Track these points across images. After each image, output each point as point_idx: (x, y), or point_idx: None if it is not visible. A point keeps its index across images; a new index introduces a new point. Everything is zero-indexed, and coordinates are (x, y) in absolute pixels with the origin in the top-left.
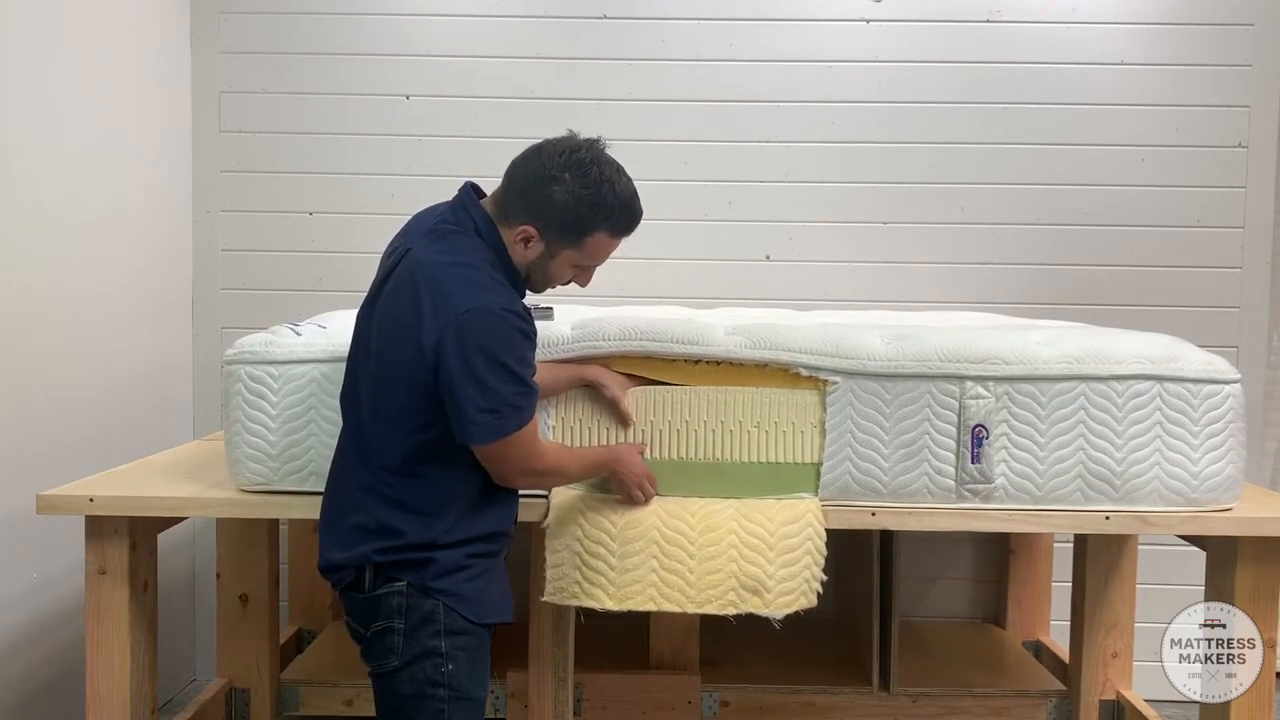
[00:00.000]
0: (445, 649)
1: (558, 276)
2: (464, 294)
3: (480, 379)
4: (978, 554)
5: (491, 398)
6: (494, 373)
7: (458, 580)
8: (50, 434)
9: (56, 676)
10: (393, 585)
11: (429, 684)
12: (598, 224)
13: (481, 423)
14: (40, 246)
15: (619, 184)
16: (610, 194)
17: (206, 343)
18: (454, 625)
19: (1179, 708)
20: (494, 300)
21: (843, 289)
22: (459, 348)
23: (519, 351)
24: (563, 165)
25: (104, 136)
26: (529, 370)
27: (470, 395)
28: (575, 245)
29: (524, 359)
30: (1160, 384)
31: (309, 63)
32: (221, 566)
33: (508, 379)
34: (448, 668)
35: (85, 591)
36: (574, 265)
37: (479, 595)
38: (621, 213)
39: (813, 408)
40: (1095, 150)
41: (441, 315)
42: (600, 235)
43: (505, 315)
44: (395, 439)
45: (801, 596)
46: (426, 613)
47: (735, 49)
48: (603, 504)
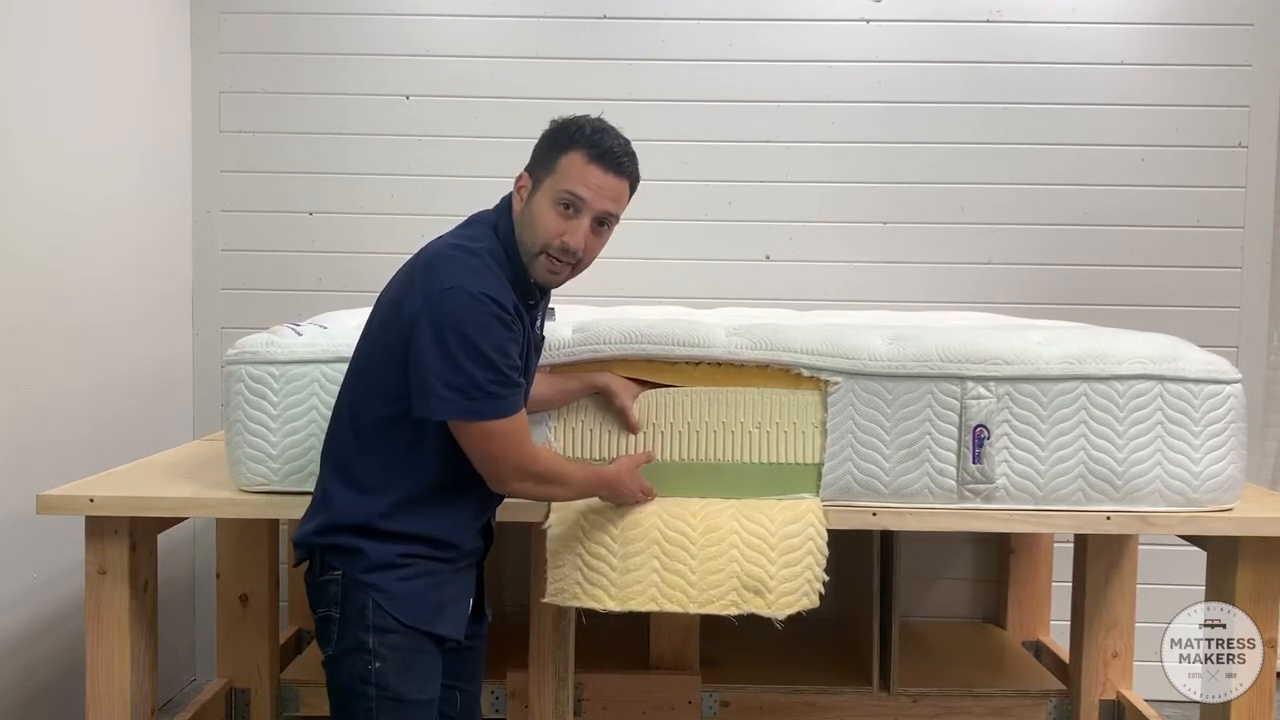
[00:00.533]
0: (373, 645)
1: (541, 220)
2: (451, 272)
3: (450, 356)
4: (978, 554)
5: (461, 377)
6: (465, 353)
7: (389, 577)
8: (50, 434)
9: (56, 676)
10: (331, 573)
11: (359, 679)
12: (569, 145)
13: (445, 399)
14: (40, 246)
15: (607, 126)
16: (585, 122)
17: (206, 343)
18: (383, 623)
19: (1179, 708)
20: (478, 284)
21: (843, 289)
22: (433, 322)
23: (495, 339)
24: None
25: (104, 136)
26: (507, 361)
27: (436, 369)
28: (550, 170)
29: (501, 348)
30: (1161, 384)
31: (309, 63)
32: (221, 566)
33: (481, 363)
34: (375, 665)
35: (85, 591)
36: (554, 200)
37: (415, 596)
38: (594, 132)
39: (814, 408)
40: (1095, 150)
41: (425, 289)
42: (573, 156)
43: (485, 300)
44: (363, 408)
45: (803, 597)
46: (359, 606)
47: (735, 49)
48: (604, 505)
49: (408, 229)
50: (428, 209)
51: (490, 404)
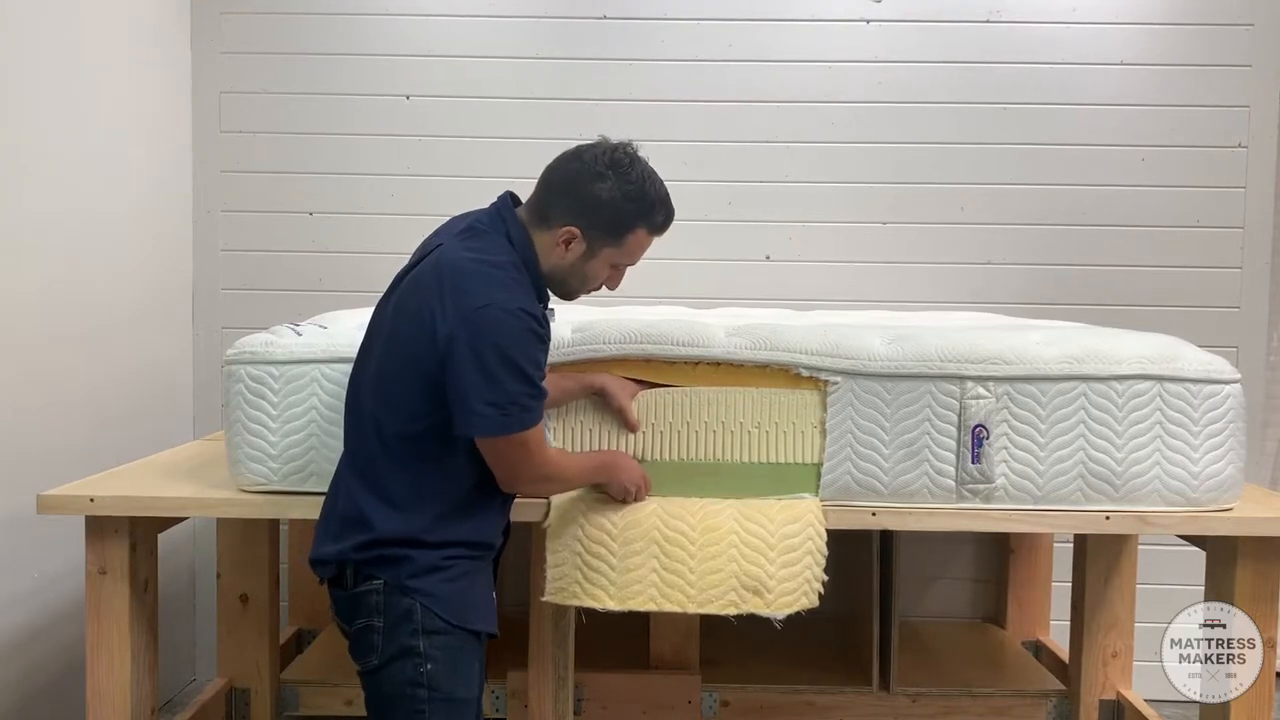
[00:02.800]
0: (423, 649)
1: (595, 278)
2: (483, 290)
3: (490, 373)
4: (978, 554)
5: (499, 393)
6: (504, 369)
7: (434, 580)
8: (50, 434)
9: (56, 676)
10: (371, 583)
11: (409, 684)
12: (639, 220)
13: (486, 415)
14: (40, 246)
15: (657, 183)
16: (652, 191)
17: (206, 343)
18: (431, 625)
19: (1179, 708)
20: (511, 299)
21: (843, 289)
22: (471, 341)
23: (531, 353)
24: (606, 164)
25: (104, 136)
26: (539, 373)
27: (477, 386)
28: (616, 243)
29: (536, 361)
30: (1160, 384)
31: (309, 63)
32: (221, 566)
33: (518, 378)
34: (426, 667)
35: (85, 591)
36: (612, 265)
37: (458, 597)
38: (660, 209)
39: (813, 408)
40: (1095, 150)
41: (459, 307)
42: (640, 232)
43: (521, 315)
44: (393, 424)
45: (803, 597)
46: (404, 611)
47: (735, 49)
48: (603, 504)
49: (408, 229)
50: (428, 209)
51: (524, 416)
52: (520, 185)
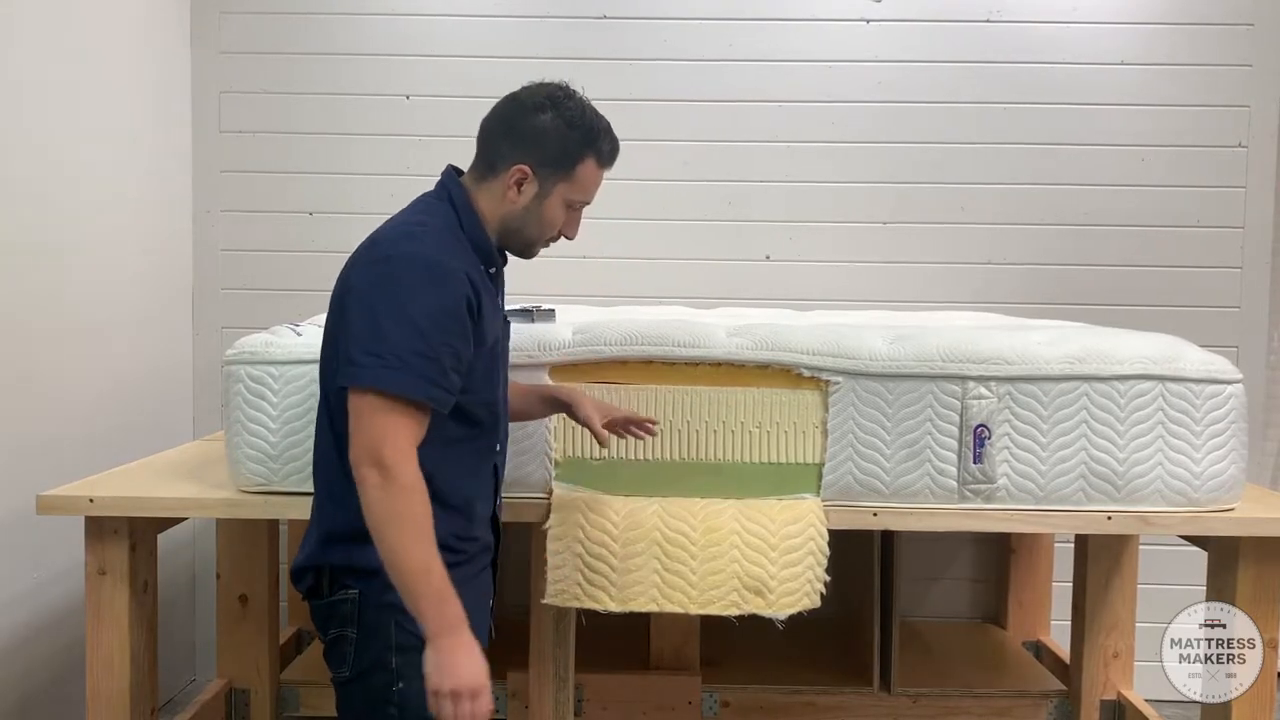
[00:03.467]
0: (395, 665)
1: (552, 221)
2: (393, 241)
3: (376, 321)
4: (978, 554)
5: (383, 344)
6: (394, 319)
7: None
8: (50, 434)
9: (56, 676)
10: (346, 592)
11: (380, 700)
12: (586, 149)
13: (363, 364)
14: (40, 246)
15: (599, 115)
16: (595, 120)
17: (206, 343)
18: (405, 642)
19: (1179, 708)
20: (424, 251)
21: (843, 289)
22: (366, 288)
23: (432, 310)
24: (544, 97)
25: (104, 136)
26: (441, 336)
27: (360, 335)
28: (568, 176)
29: (439, 322)
30: (1162, 384)
31: (309, 63)
32: (221, 566)
33: (411, 331)
34: (398, 685)
35: (85, 591)
36: (567, 203)
37: None
38: (605, 138)
39: (814, 408)
40: (1095, 150)
41: (361, 260)
42: (589, 163)
43: (432, 266)
44: (332, 412)
45: (805, 597)
46: (377, 625)
47: (735, 49)
48: (604, 504)
49: None
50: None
51: (404, 377)
52: None
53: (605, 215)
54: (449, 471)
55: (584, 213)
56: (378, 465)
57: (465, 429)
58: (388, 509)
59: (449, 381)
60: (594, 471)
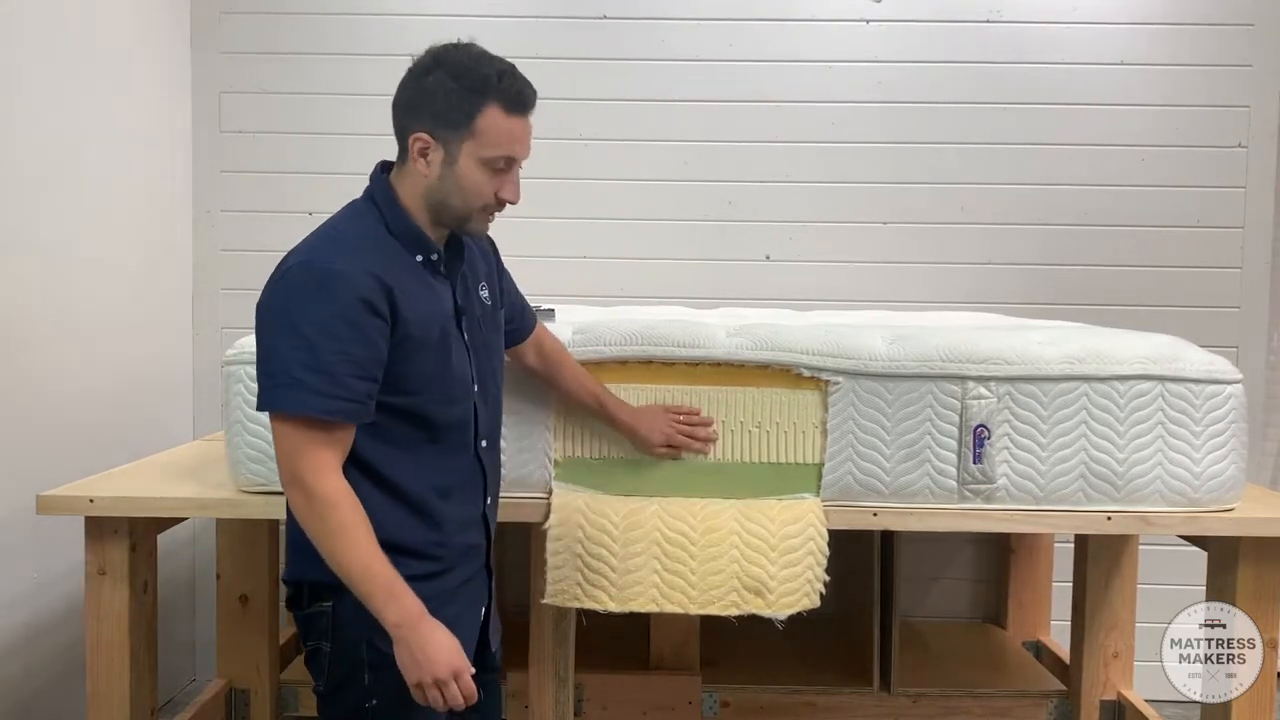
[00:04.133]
0: (368, 682)
1: (474, 187)
2: (299, 251)
3: (269, 340)
4: (978, 554)
5: (274, 362)
6: (283, 335)
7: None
8: (50, 434)
9: (57, 676)
10: (321, 605)
11: (355, 715)
12: (482, 99)
13: (262, 387)
14: (40, 247)
15: (497, 60)
16: (488, 66)
17: (206, 343)
18: (377, 660)
19: (1179, 708)
20: (323, 258)
21: (843, 289)
22: (264, 306)
23: (322, 318)
24: (430, 57)
25: (104, 136)
26: (333, 345)
27: (259, 356)
28: (469, 133)
29: (328, 329)
30: (1162, 384)
31: (309, 63)
32: (221, 566)
33: (297, 345)
34: (371, 703)
35: (85, 591)
36: (482, 163)
37: None
38: (506, 78)
39: (814, 408)
40: (1095, 150)
41: (270, 276)
42: (491, 111)
43: (324, 274)
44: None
45: (804, 597)
46: (351, 641)
47: (735, 49)
48: (604, 504)
49: None
50: None
51: (289, 395)
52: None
53: (605, 215)
54: (412, 474)
55: (582, 212)
56: (298, 485)
57: (421, 431)
58: (317, 526)
59: (350, 390)
60: (594, 471)
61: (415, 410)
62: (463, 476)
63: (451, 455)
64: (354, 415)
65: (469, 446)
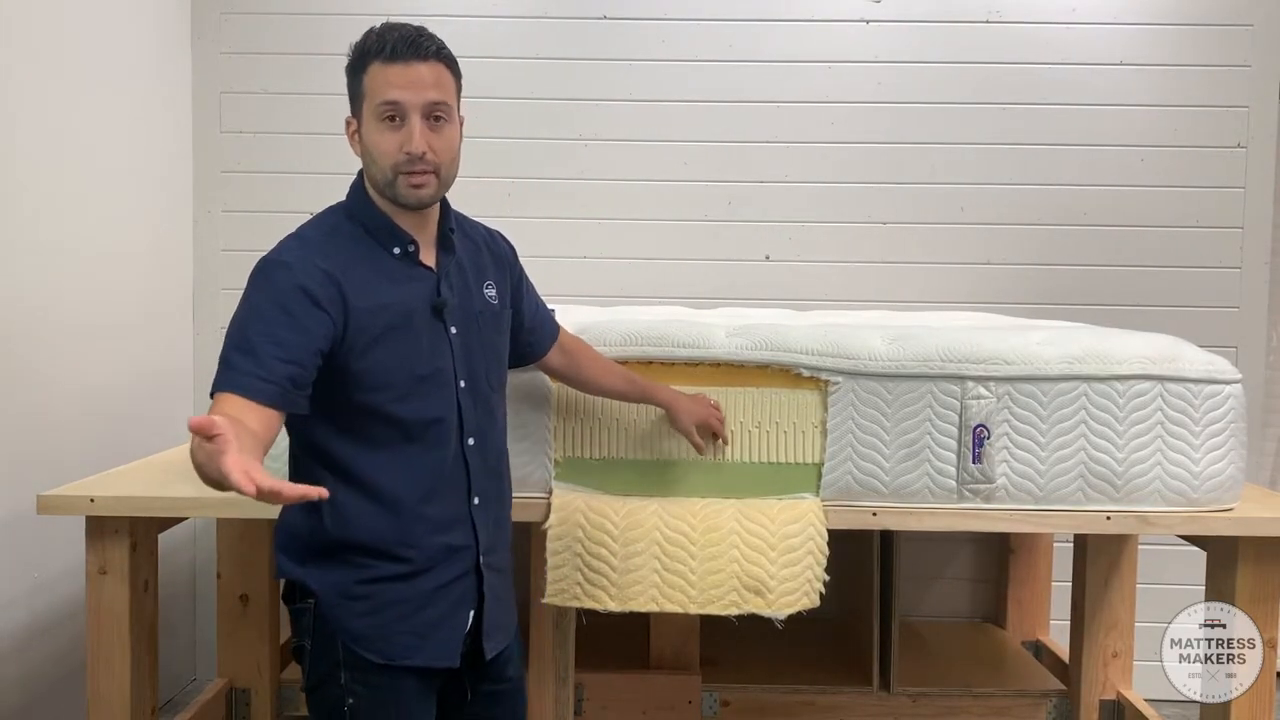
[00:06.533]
0: (344, 681)
1: (377, 145)
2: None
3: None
4: (978, 554)
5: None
6: (233, 324)
7: (352, 612)
8: (50, 434)
9: (57, 677)
10: (305, 601)
11: (334, 714)
12: (364, 60)
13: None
14: (40, 247)
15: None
16: (370, 33)
17: (206, 343)
18: (353, 660)
19: (1179, 708)
20: (279, 251)
21: (842, 289)
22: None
23: (261, 304)
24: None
25: (104, 137)
26: (261, 327)
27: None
28: (363, 95)
29: (259, 311)
30: (1161, 384)
31: (309, 63)
32: (221, 566)
33: (234, 333)
34: (349, 703)
35: (85, 591)
36: (376, 119)
37: (382, 631)
38: (385, 35)
39: (814, 408)
40: (1095, 150)
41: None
42: (373, 69)
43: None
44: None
45: (804, 597)
46: (328, 638)
47: (735, 49)
48: (604, 504)
49: None
50: None
51: (225, 375)
52: (520, 184)
53: (605, 215)
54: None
55: (582, 212)
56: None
57: (393, 429)
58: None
59: (272, 371)
60: (594, 471)
61: (380, 409)
62: (442, 475)
63: (429, 453)
64: (275, 399)
65: (449, 444)
